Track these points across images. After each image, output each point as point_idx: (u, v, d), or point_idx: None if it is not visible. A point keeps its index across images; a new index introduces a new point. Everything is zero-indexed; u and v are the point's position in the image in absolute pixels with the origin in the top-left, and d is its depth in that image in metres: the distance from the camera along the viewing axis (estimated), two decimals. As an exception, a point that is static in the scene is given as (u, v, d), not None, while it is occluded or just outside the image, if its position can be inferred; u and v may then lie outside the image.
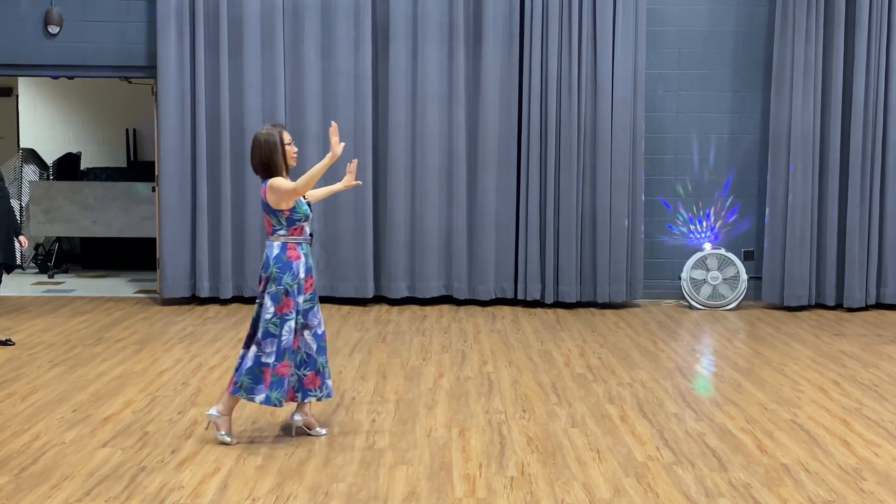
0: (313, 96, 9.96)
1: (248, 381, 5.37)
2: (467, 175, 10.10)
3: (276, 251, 5.38)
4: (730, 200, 10.48)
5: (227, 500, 4.56)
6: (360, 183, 6.06)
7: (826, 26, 10.01)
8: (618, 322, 9.36)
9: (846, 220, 10.07)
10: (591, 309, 10.09)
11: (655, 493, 4.73)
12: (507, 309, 10.02)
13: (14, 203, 12.67)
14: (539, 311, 9.95)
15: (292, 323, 5.38)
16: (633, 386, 6.81)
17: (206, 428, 5.57)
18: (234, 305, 9.99)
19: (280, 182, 5.33)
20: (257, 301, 5.45)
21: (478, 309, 10.00)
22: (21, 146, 13.63)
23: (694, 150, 10.45)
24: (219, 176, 9.97)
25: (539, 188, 10.04)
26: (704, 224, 10.48)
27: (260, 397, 5.37)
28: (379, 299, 10.32)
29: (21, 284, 11.47)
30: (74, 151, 13.86)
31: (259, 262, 10.06)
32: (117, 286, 11.38)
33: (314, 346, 5.52)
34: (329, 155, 5.31)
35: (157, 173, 10.10)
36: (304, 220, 5.45)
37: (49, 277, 12.05)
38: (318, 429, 5.62)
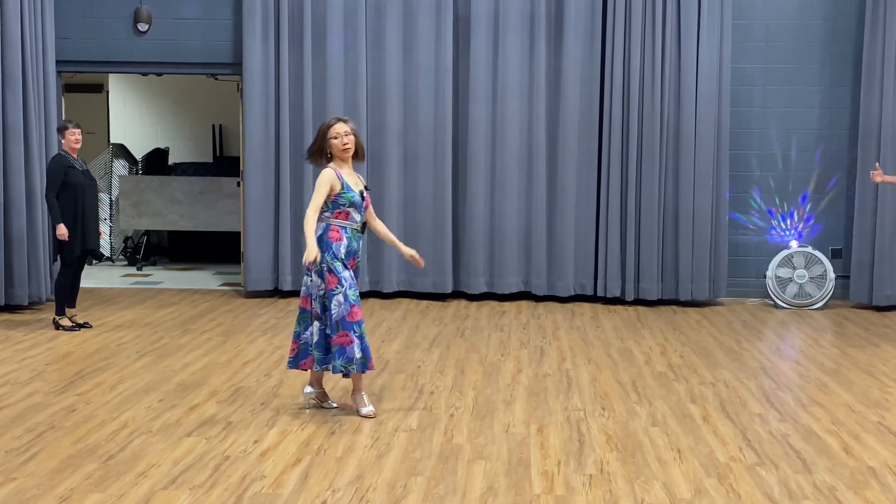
0: (394, 91, 10.01)
1: (318, 354, 5.82)
2: (547, 170, 10.05)
3: (319, 232, 5.74)
4: (817, 197, 10.25)
5: (307, 491, 4.62)
6: (422, 265, 6.13)
7: (920, 18, 9.73)
8: (700, 320, 9.23)
9: (939, 217, 9.78)
10: (673, 307, 9.96)
11: (738, 494, 4.65)
12: (586, 306, 9.96)
13: (104, 196, 13.00)
14: (619, 308, 9.87)
15: (340, 297, 5.70)
16: (716, 385, 6.71)
17: (308, 408, 5.91)
18: (315, 299, 10.09)
19: (320, 179, 5.71)
20: (307, 277, 5.82)
21: (557, 305, 9.95)
22: (111, 141, 13.99)
23: (781, 145, 10.24)
24: (301, 171, 10.09)
25: (620, 184, 9.95)
26: (791, 221, 10.27)
27: (333, 364, 5.77)
28: (457, 294, 10.34)
29: (110, 276, 11.77)
30: (162, 147, 14.17)
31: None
32: (203, 279, 11.61)
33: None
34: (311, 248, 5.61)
35: (241, 168, 10.27)
36: (350, 207, 5.74)
37: (137, 270, 12.35)
38: (329, 402, 6.01)
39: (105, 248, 12.88)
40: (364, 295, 10.20)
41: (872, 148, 9.79)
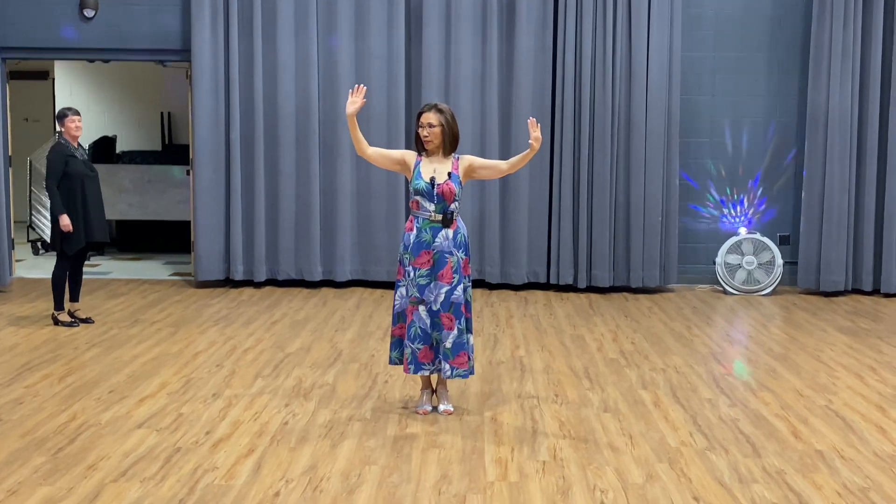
0: (346, 79, 9.95)
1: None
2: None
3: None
4: (766, 184, 10.38)
5: (260, 482, 4.60)
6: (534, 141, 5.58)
7: (864, 8, 9.88)
8: (651, 307, 9.32)
9: (884, 204, 9.96)
10: (625, 294, 10.05)
11: (688, 478, 4.71)
12: (539, 293, 10.01)
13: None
14: (572, 295, 9.93)
15: (403, 290, 5.68)
16: (667, 371, 6.79)
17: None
18: (267, 289, 10.05)
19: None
20: None
21: (510, 293, 9.99)
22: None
23: (729, 133, 10.35)
24: (252, 159, 10.01)
25: (572, 172, 9.99)
26: (739, 208, 10.40)
27: (389, 358, 5.87)
28: (411, 283, 10.32)
29: (58, 267, 11.58)
30: (110, 135, 13.98)
31: (292, 246, 10.12)
32: (153, 269, 11.49)
33: (428, 322, 5.62)
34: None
35: (191, 157, 10.17)
36: (416, 195, 5.65)
37: (86, 260, 12.17)
38: (441, 406, 5.75)
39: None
40: (316, 284, 10.16)
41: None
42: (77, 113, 8.08)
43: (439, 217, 5.61)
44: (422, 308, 5.60)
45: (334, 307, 9.12)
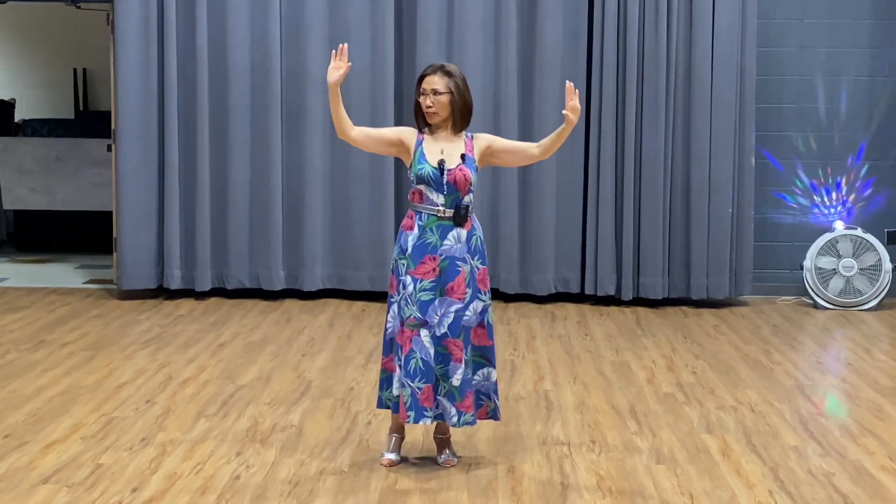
0: (317, 26, 9.97)
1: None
2: (519, 129, 10.07)
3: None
4: (870, 164, 10.38)
5: (203, 555, 4.61)
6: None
7: None
8: (718, 325, 9.33)
9: None
10: (683, 308, 10.06)
11: (767, 551, 4.72)
12: (570, 307, 10.02)
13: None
14: (613, 309, 9.94)
15: (395, 308, 5.64)
16: (739, 410, 6.79)
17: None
18: (213, 300, 10.06)
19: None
20: None
21: (532, 307, 10.00)
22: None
23: (822, 97, 10.35)
24: (194, 130, 10.02)
25: (614, 147, 10.00)
26: (835, 195, 10.40)
27: (378, 399, 5.87)
28: (403, 293, 10.33)
29: (-62, 271, 11.61)
30: (6, 98, 13.99)
31: (246, 244, 10.13)
32: (62, 274, 11.50)
33: (431, 352, 5.56)
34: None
35: (113, 127, 10.18)
36: (420, 184, 5.61)
37: (-26, 262, 12.21)
38: (441, 456, 5.75)
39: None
40: (277, 295, 10.16)
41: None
42: None
43: (450, 213, 5.58)
44: (424, 333, 5.56)
45: (301, 325, 9.13)
